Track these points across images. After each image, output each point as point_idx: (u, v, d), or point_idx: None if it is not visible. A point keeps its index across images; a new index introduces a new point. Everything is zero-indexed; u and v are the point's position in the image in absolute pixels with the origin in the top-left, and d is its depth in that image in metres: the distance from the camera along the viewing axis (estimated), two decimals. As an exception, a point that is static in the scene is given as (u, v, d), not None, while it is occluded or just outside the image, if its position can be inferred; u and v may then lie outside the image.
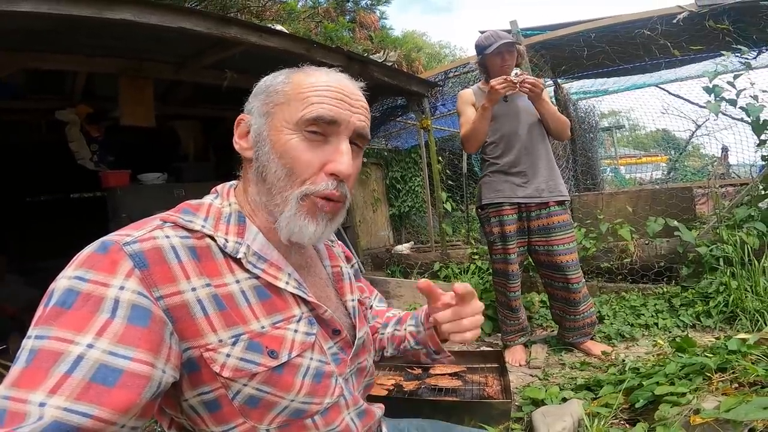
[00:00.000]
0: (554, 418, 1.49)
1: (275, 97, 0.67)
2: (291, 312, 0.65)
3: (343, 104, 0.66)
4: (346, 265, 0.86)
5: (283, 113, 0.65)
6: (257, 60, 2.75)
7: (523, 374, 2.17)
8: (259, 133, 0.67)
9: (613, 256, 3.12)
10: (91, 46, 2.55)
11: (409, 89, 3.88)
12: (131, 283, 0.53)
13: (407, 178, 5.62)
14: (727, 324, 2.35)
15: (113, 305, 0.51)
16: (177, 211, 0.64)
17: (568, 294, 2.24)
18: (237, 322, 0.59)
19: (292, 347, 0.63)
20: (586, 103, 6.29)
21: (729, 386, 1.36)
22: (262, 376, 0.59)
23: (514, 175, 2.25)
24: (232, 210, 0.67)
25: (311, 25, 7.91)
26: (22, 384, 0.46)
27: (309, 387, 0.63)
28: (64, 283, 0.51)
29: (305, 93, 0.65)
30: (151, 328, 0.52)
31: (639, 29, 3.37)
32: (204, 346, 0.57)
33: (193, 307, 0.57)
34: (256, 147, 0.67)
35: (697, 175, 6.27)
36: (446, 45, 19.04)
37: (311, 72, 0.69)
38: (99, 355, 0.48)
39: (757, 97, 2.68)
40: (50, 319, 0.49)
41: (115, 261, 0.53)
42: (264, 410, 0.60)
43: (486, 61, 2.26)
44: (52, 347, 0.47)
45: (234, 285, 0.61)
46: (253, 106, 0.69)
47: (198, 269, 0.59)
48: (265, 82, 0.70)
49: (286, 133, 0.65)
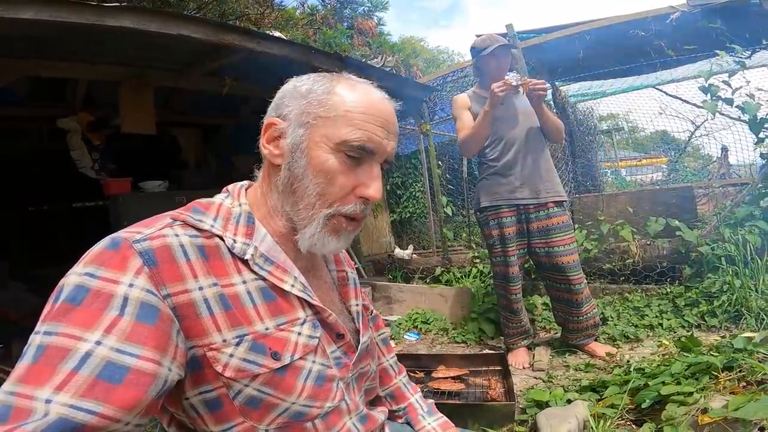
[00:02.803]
0: (559, 419, 1.47)
1: (318, 109, 0.65)
2: (295, 314, 0.65)
3: (384, 132, 0.66)
4: (351, 270, 0.85)
5: (325, 128, 0.64)
6: (256, 67, 2.77)
7: (527, 377, 2.15)
8: (296, 144, 0.65)
9: (615, 257, 3.11)
10: (92, 53, 2.57)
11: (407, 94, 3.89)
12: (140, 281, 0.53)
13: (408, 183, 5.62)
14: (733, 323, 2.33)
15: (122, 302, 0.51)
16: (187, 210, 0.64)
17: (570, 295, 2.23)
18: (242, 322, 0.59)
19: (295, 350, 0.62)
20: (584, 105, 6.31)
21: (736, 385, 1.34)
22: (264, 377, 0.59)
23: (511, 177, 2.25)
24: (242, 211, 0.67)
25: (309, 32, 7.97)
26: (29, 380, 0.46)
27: (310, 390, 0.63)
28: (74, 279, 0.52)
29: (352, 114, 0.64)
30: (159, 327, 0.52)
31: (633, 30, 3.38)
32: (208, 346, 0.57)
33: (200, 306, 0.57)
34: (291, 157, 0.65)
35: (697, 175, 6.27)
36: (444, 50, 19.16)
37: (356, 86, 0.67)
38: (107, 353, 0.48)
39: (753, 96, 2.68)
40: (59, 315, 0.49)
41: (125, 258, 0.54)
42: (264, 411, 0.60)
43: (481, 64, 2.27)
44: (60, 343, 0.47)
45: (240, 286, 0.61)
46: (290, 110, 0.66)
47: (206, 268, 0.59)
48: (303, 86, 0.68)
49: (325, 150, 0.64)
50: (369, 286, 3.62)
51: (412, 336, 3.01)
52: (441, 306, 3.28)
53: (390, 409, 0.90)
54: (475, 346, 2.73)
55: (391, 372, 0.95)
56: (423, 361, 2.18)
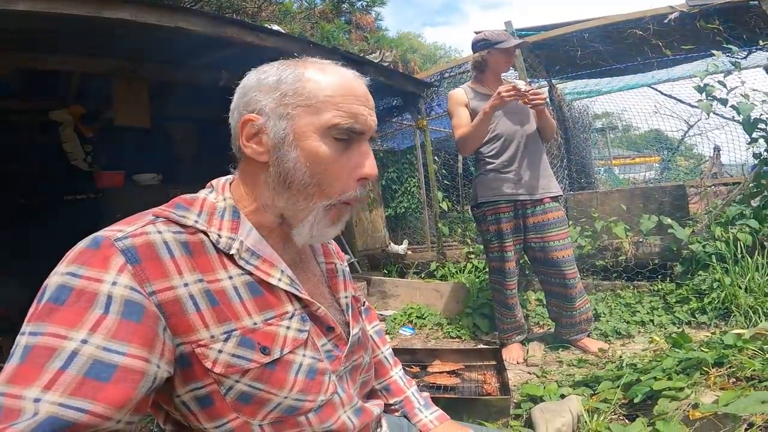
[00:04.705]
0: (553, 414, 1.49)
1: (296, 98, 0.63)
2: (283, 308, 0.64)
3: (366, 109, 0.66)
4: (340, 262, 0.85)
5: (309, 117, 0.63)
6: (254, 60, 2.75)
7: (521, 372, 2.18)
8: (281, 138, 0.63)
9: (608, 254, 3.14)
10: (86, 46, 2.53)
11: (405, 89, 3.89)
12: (123, 279, 0.52)
13: (403, 179, 5.63)
14: (722, 320, 2.37)
15: (106, 301, 0.51)
16: (170, 206, 0.63)
17: (564, 290, 2.26)
18: (229, 318, 0.59)
19: (285, 344, 0.62)
20: (580, 103, 6.34)
21: (726, 381, 1.37)
22: (254, 372, 0.59)
23: (509, 174, 2.26)
24: (227, 205, 0.66)
25: (307, 26, 7.90)
26: (17, 380, 0.46)
27: (302, 384, 0.63)
28: (57, 279, 0.51)
29: (333, 98, 0.63)
30: (145, 323, 0.52)
31: (631, 29, 3.40)
32: (196, 342, 0.57)
33: (186, 302, 0.57)
34: (277, 152, 0.64)
35: (689, 174, 6.33)
36: (441, 47, 19.09)
37: (325, 68, 0.66)
38: (93, 351, 0.48)
39: (747, 96, 2.71)
40: (44, 315, 0.49)
41: (107, 256, 0.53)
42: (257, 406, 0.60)
43: (490, 57, 2.25)
44: (46, 343, 0.47)
45: (227, 281, 0.61)
46: (264, 105, 0.64)
47: (191, 264, 0.59)
48: (269, 77, 0.66)
49: (314, 139, 0.63)
50: (364, 281, 3.63)
51: (406, 331, 3.03)
52: (436, 301, 3.30)
53: (386, 403, 0.90)
54: (470, 341, 2.76)
55: (387, 364, 0.95)
56: (418, 355, 2.19)
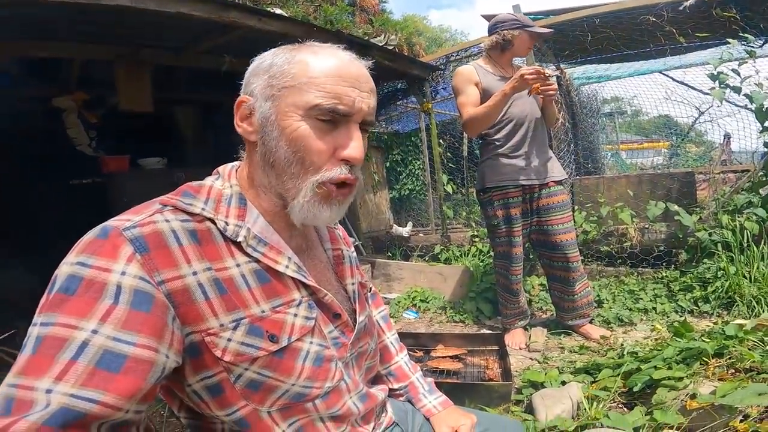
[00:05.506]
0: (553, 400, 1.52)
1: (281, 80, 0.64)
2: (291, 296, 0.65)
3: (355, 91, 0.64)
4: (347, 249, 0.85)
5: (292, 97, 0.63)
6: (256, 44, 2.71)
7: (523, 357, 2.21)
8: (265, 118, 0.64)
9: (613, 240, 3.14)
10: (87, 33, 2.50)
11: (410, 73, 3.83)
12: (132, 268, 0.53)
13: (407, 161, 5.62)
14: (725, 309, 2.38)
15: (116, 291, 0.51)
16: (177, 194, 0.64)
17: (567, 273, 2.28)
18: (238, 306, 0.60)
19: (292, 331, 0.63)
20: (589, 88, 6.23)
21: (725, 371, 1.39)
22: (263, 360, 0.60)
23: (517, 158, 2.24)
24: (233, 192, 0.67)
25: (310, 9, 7.74)
26: (29, 372, 0.47)
27: (309, 371, 0.64)
28: (67, 270, 0.52)
29: (318, 79, 0.62)
30: (154, 313, 0.53)
31: (644, 15, 3.32)
32: (205, 331, 0.57)
33: (195, 291, 0.57)
34: (262, 132, 0.65)
35: (699, 161, 6.25)
36: (447, 29, 18.74)
37: (318, 51, 0.65)
38: (103, 341, 0.49)
39: (761, 85, 2.66)
40: (54, 306, 0.50)
41: (116, 246, 0.54)
42: (265, 394, 0.61)
43: (517, 38, 2.17)
44: (57, 334, 0.48)
45: (234, 269, 0.62)
46: (255, 87, 0.66)
47: (199, 253, 0.59)
48: (265, 61, 0.67)
49: (296, 119, 0.63)
50: (368, 264, 3.65)
51: (410, 314, 3.07)
52: (440, 284, 3.32)
53: (391, 388, 0.92)
54: (473, 325, 2.79)
55: (392, 350, 0.96)
56: (422, 339, 2.23)
